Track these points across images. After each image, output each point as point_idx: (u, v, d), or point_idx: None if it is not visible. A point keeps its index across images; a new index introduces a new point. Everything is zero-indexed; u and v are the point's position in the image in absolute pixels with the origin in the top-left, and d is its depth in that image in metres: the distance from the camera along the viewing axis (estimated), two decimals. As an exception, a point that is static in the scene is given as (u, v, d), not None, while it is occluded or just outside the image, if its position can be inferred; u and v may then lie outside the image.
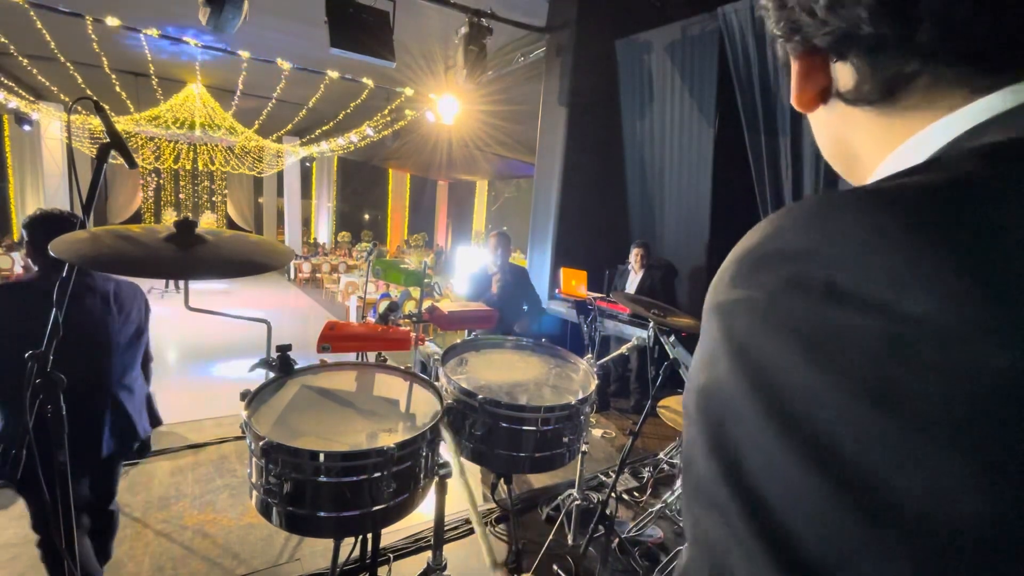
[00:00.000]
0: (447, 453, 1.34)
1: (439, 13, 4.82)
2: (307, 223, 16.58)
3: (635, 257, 4.34)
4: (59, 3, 5.02)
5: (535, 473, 2.99)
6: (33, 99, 9.08)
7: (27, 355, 1.12)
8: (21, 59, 7.19)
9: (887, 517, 0.21)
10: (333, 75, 6.95)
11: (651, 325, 2.57)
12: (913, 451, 0.21)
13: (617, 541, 2.44)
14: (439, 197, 19.00)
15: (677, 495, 2.71)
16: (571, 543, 2.49)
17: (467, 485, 0.93)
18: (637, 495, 3.01)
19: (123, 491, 2.75)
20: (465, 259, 8.43)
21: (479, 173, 15.31)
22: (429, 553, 1.56)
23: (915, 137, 0.33)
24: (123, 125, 9.30)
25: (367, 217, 18.76)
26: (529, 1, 5.05)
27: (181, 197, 14.54)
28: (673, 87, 4.44)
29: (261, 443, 1.12)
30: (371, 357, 2.13)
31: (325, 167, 16.05)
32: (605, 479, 3.10)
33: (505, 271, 3.77)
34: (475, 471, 3.06)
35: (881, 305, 0.22)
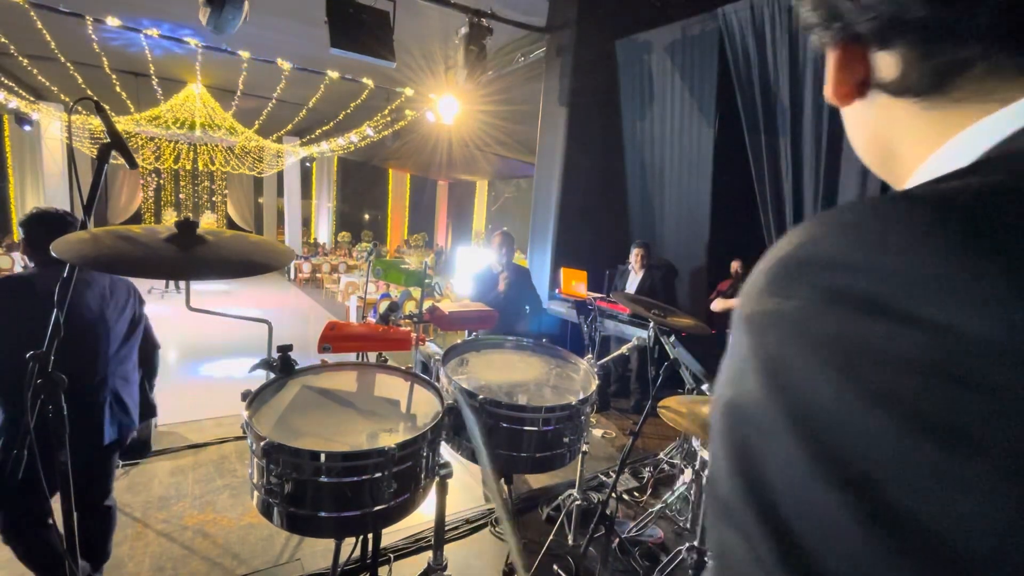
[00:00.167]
0: (449, 455, 1.34)
1: (439, 13, 4.83)
2: (307, 223, 16.58)
3: (635, 257, 4.34)
4: (59, 3, 5.02)
5: (535, 473, 2.99)
6: (33, 99, 9.08)
7: (28, 355, 1.12)
8: (21, 59, 7.19)
9: (938, 564, 0.19)
10: (333, 75, 6.95)
11: (651, 325, 2.58)
12: (971, 487, 0.19)
13: (617, 541, 2.44)
14: (439, 197, 19.00)
15: (677, 495, 2.71)
16: (571, 543, 2.49)
17: (498, 490, 0.90)
18: (637, 495, 3.01)
19: (123, 491, 2.76)
20: (465, 259, 8.42)
21: (479, 173, 15.31)
22: (430, 553, 1.56)
23: (964, 133, 0.30)
24: (123, 125, 9.30)
25: (367, 217, 18.76)
26: (529, 1, 5.05)
27: (181, 197, 14.54)
28: (673, 87, 4.44)
29: (262, 443, 1.12)
30: (372, 357, 2.13)
31: (325, 167, 16.05)
32: (605, 479, 3.10)
33: (510, 270, 3.76)
34: (475, 471, 3.06)
35: (934, 324, 0.20)
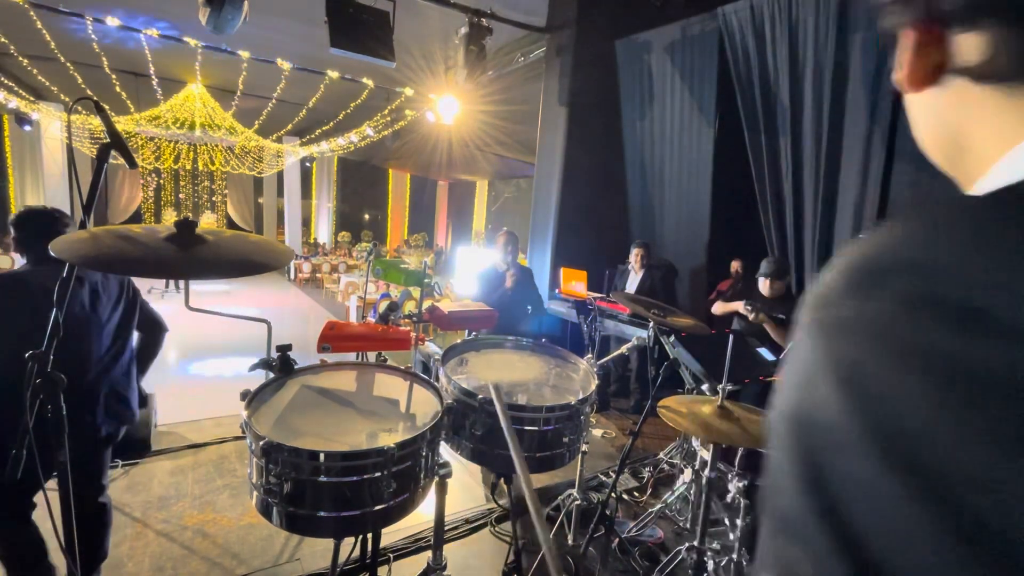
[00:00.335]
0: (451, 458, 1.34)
1: (439, 13, 4.82)
2: (307, 223, 16.58)
3: (635, 257, 4.34)
4: (59, 3, 5.02)
5: (535, 473, 2.98)
6: (33, 99, 9.08)
7: (28, 355, 1.12)
8: (21, 59, 7.19)
9: None
10: (333, 75, 6.95)
11: (651, 325, 2.58)
12: None
13: (617, 541, 2.44)
14: (439, 197, 19.00)
15: (677, 495, 2.71)
16: (571, 543, 2.49)
17: (528, 483, 0.88)
18: (637, 495, 3.00)
19: (123, 491, 2.76)
20: (465, 259, 8.42)
21: (479, 173, 15.31)
22: (429, 553, 1.56)
23: None
24: (123, 125, 9.30)
25: (367, 217, 18.75)
26: (529, 1, 5.05)
27: (181, 197, 14.53)
28: (673, 87, 4.44)
29: (261, 443, 1.12)
30: (371, 357, 2.13)
31: (325, 167, 16.05)
32: (605, 479, 3.10)
33: (515, 269, 3.78)
34: (475, 471, 3.06)
35: None
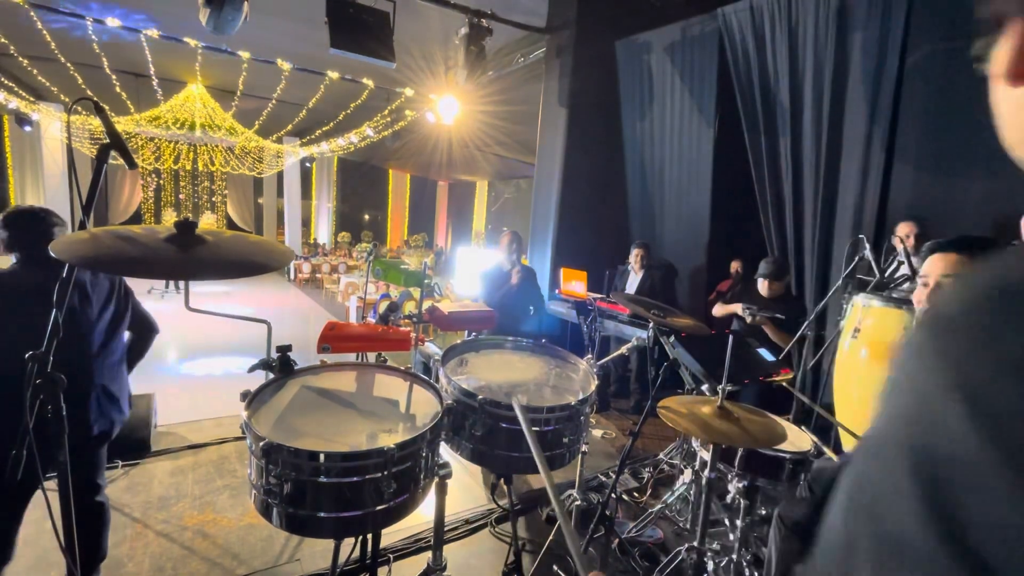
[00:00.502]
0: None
1: (439, 14, 4.83)
2: (307, 223, 16.58)
3: (635, 257, 4.34)
4: (59, 3, 5.02)
5: (535, 473, 2.98)
6: (33, 99, 9.08)
7: (27, 355, 1.12)
8: (21, 59, 7.19)
9: None
10: (333, 76, 6.95)
11: (651, 326, 2.58)
12: None
13: (617, 541, 2.44)
14: (439, 197, 19.00)
15: (677, 495, 2.71)
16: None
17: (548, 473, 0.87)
18: (637, 495, 3.00)
19: (123, 491, 2.76)
20: (465, 259, 8.42)
21: (479, 173, 15.31)
22: (429, 553, 1.56)
23: None
24: (123, 125, 9.30)
25: (367, 217, 18.75)
26: (529, 2, 5.05)
27: (181, 197, 14.53)
28: (673, 87, 4.44)
29: (261, 444, 1.12)
30: (371, 357, 2.13)
31: (325, 167, 16.05)
32: (605, 479, 3.10)
33: (520, 268, 3.81)
34: (475, 471, 3.06)
35: None
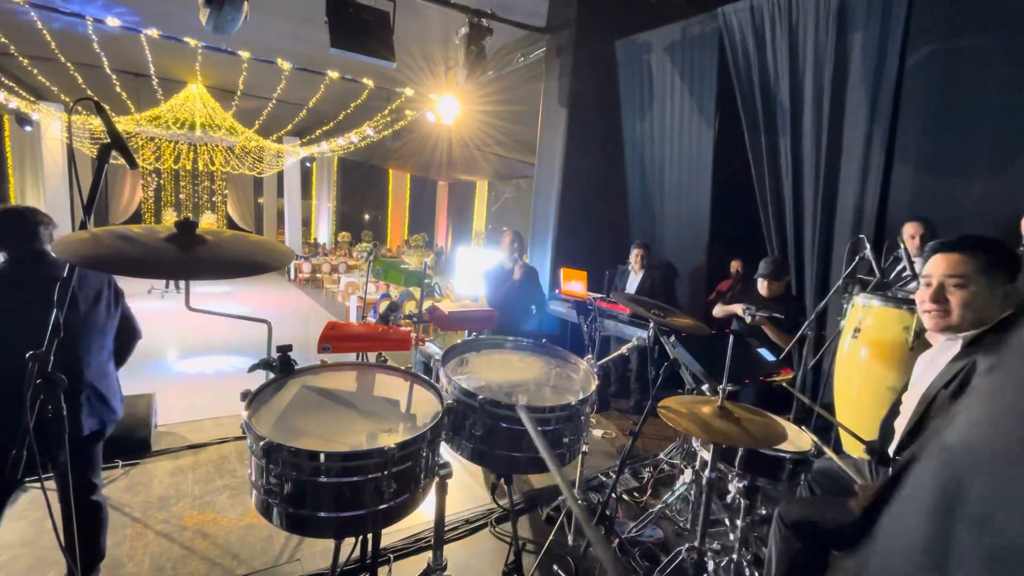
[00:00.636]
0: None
1: (439, 13, 4.82)
2: (307, 223, 16.58)
3: (635, 257, 4.34)
4: (59, 3, 5.02)
5: (535, 473, 2.98)
6: (33, 99, 9.08)
7: (28, 355, 1.12)
8: (21, 59, 7.19)
9: None
10: (333, 75, 6.95)
11: (651, 325, 2.58)
12: None
13: (617, 541, 2.44)
14: (439, 197, 19.00)
15: (677, 495, 2.71)
16: (571, 543, 2.48)
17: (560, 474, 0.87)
18: (637, 495, 3.00)
19: (123, 491, 2.76)
20: (465, 259, 8.42)
21: (479, 173, 15.31)
22: (429, 553, 1.56)
23: None
24: (123, 125, 9.30)
25: (367, 217, 18.75)
26: (529, 1, 5.05)
27: (181, 197, 14.53)
28: (673, 87, 4.44)
29: (262, 443, 1.12)
30: (371, 357, 2.13)
31: (325, 167, 16.05)
32: (605, 479, 3.10)
33: (522, 265, 3.82)
34: (475, 471, 3.06)
35: None
